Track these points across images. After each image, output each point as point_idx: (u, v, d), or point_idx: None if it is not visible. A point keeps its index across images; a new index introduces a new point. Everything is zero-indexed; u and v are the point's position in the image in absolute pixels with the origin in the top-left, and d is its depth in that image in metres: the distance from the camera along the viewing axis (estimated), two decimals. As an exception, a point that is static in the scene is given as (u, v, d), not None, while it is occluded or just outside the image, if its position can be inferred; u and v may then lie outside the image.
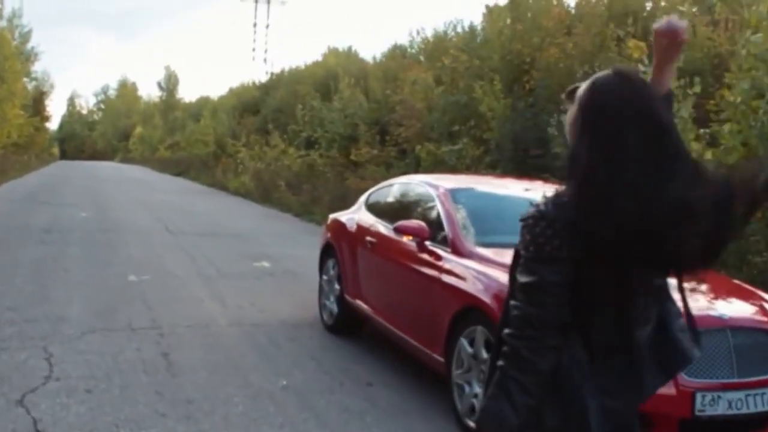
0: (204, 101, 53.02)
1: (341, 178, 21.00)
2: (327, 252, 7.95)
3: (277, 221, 18.45)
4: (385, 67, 26.11)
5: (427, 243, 5.91)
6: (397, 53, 27.94)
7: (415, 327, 5.88)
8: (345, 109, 24.73)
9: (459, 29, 26.45)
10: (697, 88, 8.89)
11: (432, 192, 6.41)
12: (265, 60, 57.29)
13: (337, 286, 7.55)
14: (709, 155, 8.34)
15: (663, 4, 18.38)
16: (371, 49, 77.86)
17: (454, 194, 6.17)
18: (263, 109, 35.15)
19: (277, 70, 42.74)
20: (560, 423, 2.11)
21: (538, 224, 2.06)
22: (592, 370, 2.11)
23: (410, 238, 6.01)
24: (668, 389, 4.48)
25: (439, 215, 6.07)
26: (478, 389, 5.02)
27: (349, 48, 37.60)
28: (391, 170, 19.38)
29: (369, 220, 7.22)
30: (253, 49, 71.29)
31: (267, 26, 56.91)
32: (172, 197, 23.60)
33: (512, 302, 2.11)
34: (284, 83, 35.26)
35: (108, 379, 5.84)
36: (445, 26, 27.01)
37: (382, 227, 6.86)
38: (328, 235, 7.97)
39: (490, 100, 16.81)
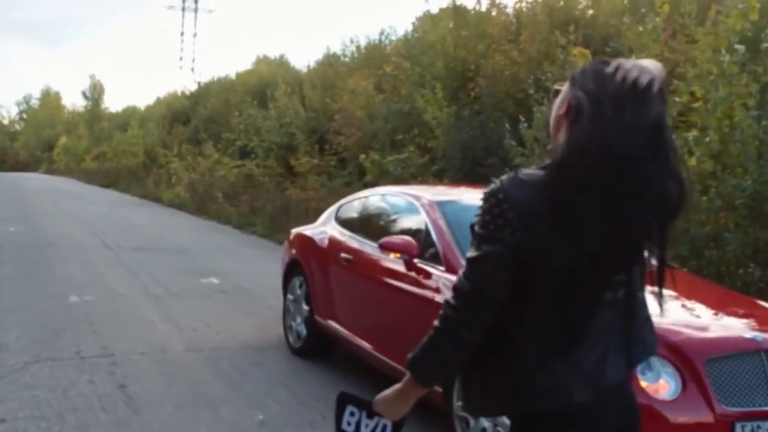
0: (131, 111, 51.59)
1: (280, 188, 20.31)
2: (292, 270, 7.32)
3: (217, 234, 17.67)
4: (322, 75, 25.51)
5: (416, 260, 5.36)
6: (331, 61, 27.35)
7: (405, 353, 5.29)
8: (281, 117, 24.06)
9: (393, 37, 26.16)
10: (685, 98, 8.54)
11: (415, 204, 5.85)
12: (192, 69, 55.89)
13: (305, 307, 6.94)
14: (693, 162, 7.99)
15: (602, 9, 18.30)
16: (303, 57, 76.82)
17: (441, 207, 5.62)
18: (194, 118, 34.13)
19: (205, 79, 41.73)
20: (498, 395, 2.14)
21: (488, 201, 2.05)
22: (544, 351, 2.07)
23: (397, 255, 5.45)
24: (706, 417, 4.04)
25: (427, 230, 5.51)
26: (486, 422, 4.49)
27: (282, 56, 36.90)
28: (334, 180, 18.81)
29: (342, 235, 6.63)
30: (181, 58, 70.17)
31: (194, 35, 55.48)
32: (105, 209, 22.53)
33: (459, 272, 2.11)
34: (215, 92, 34.33)
35: (61, 419, 5.15)
36: (379, 35, 26.66)
37: (360, 243, 6.28)
38: (294, 251, 7.35)
39: (434, 108, 16.37)
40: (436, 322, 2.11)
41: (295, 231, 7.77)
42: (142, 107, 50.63)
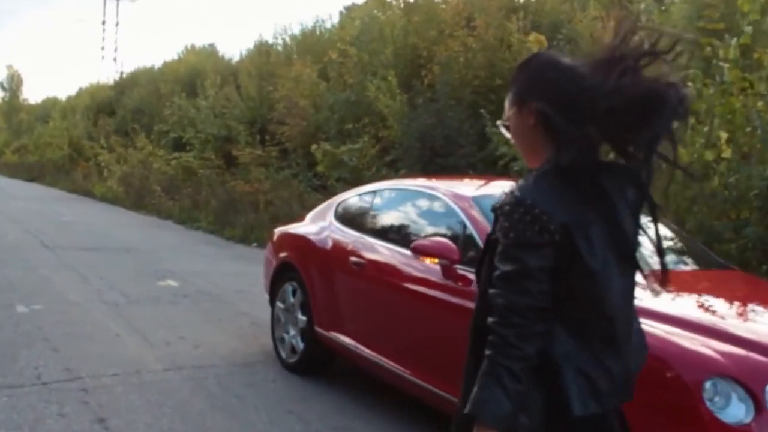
0: (52, 102, 49.23)
1: (221, 181, 19.14)
2: (282, 274, 6.37)
3: (161, 230, 16.45)
4: (258, 64, 24.30)
5: (456, 266, 4.51)
6: (267, 49, 26.16)
7: (442, 370, 4.44)
8: (214, 107, 22.88)
9: (328, 25, 25.17)
10: (698, 83, 7.87)
11: (445, 200, 4.98)
12: (115, 59, 53.84)
13: (301, 317, 6.02)
14: (728, 152, 7.32)
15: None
16: (233, 46, 74.00)
17: (479, 203, 4.77)
18: (120, 109, 32.53)
19: (129, 69, 40.01)
20: (544, 408, 2.07)
21: (516, 211, 2.02)
22: (575, 354, 2.06)
23: (434, 260, 4.58)
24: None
25: (465, 230, 4.66)
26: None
27: (211, 45, 35.41)
28: (281, 172, 17.75)
29: (350, 236, 5.71)
30: (103, 48, 67.67)
31: (117, 24, 53.36)
32: (35, 205, 20.97)
33: (493, 291, 2.05)
34: (142, 82, 32.77)
35: (38, 469, 4.15)
36: (314, 23, 25.62)
37: (375, 246, 5.38)
38: (285, 254, 6.39)
39: (386, 97, 15.51)
40: (489, 352, 2.00)
41: (281, 230, 6.82)
42: (63, 98, 48.42)
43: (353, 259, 5.44)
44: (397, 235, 5.24)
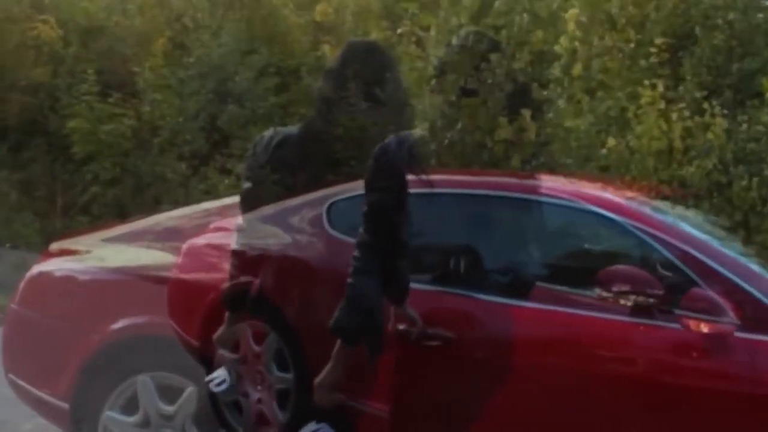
0: None
1: None
2: (241, 307, 4.15)
3: None
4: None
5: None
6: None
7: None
8: None
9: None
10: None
11: (607, 214, 3.21)
12: None
13: (278, 373, 3.90)
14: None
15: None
16: None
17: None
18: None
19: None
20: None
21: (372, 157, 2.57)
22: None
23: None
24: None
25: (664, 260, 2.98)
26: None
27: None
28: (18, 155, 14.34)
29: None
30: None
31: None
32: None
33: (360, 230, 2.55)
34: None
35: None
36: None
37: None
38: (257, 280, 4.12)
39: (146, 68, 13.12)
40: (349, 280, 2.55)
41: (208, 243, 4.54)
42: None
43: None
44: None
